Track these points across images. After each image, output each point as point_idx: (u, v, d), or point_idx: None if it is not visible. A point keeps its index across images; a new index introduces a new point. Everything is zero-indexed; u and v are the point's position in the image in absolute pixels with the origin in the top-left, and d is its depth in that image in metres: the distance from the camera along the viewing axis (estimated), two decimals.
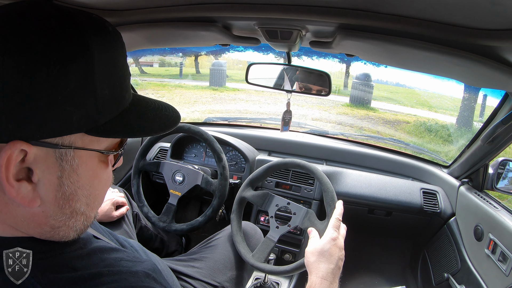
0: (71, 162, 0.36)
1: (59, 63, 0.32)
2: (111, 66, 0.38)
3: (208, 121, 2.00)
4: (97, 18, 0.38)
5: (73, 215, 0.39)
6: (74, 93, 0.34)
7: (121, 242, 0.62)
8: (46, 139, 0.34)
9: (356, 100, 7.02)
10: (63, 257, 0.38)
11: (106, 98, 0.37)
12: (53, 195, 0.36)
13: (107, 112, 0.37)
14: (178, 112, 0.46)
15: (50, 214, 0.37)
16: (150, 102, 0.44)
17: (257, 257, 0.92)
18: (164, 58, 9.79)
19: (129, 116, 0.40)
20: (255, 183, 1.04)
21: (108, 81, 0.37)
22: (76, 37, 0.34)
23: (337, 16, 0.57)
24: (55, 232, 0.38)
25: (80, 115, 0.35)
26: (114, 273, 0.38)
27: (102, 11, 0.68)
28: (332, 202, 0.87)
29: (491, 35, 0.50)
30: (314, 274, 0.69)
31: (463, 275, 1.13)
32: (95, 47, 0.35)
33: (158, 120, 0.43)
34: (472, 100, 5.16)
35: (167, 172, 1.22)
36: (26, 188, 0.34)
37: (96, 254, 0.41)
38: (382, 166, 1.54)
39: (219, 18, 0.70)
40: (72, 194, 0.38)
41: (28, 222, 0.36)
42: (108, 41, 0.37)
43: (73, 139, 0.36)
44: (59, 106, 0.33)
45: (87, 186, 0.40)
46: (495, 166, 1.12)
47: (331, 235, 0.75)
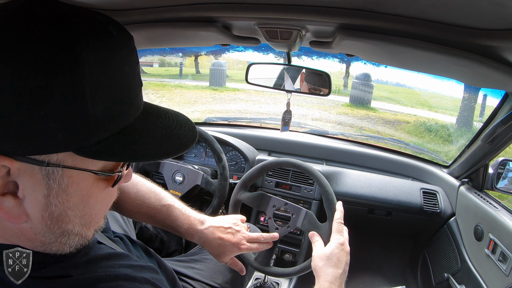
0: (59, 181, 0.33)
1: (42, 74, 0.28)
2: (110, 77, 0.32)
3: (208, 121, 2.00)
4: (98, 20, 0.34)
5: (65, 234, 0.36)
6: (58, 108, 0.29)
7: (125, 242, 0.62)
8: (31, 156, 0.31)
9: (356, 100, 7.01)
10: (58, 266, 0.37)
11: (100, 115, 0.32)
12: (40, 214, 0.34)
13: (101, 130, 0.32)
14: (195, 130, 0.40)
15: (38, 231, 0.35)
16: (163, 116, 0.39)
17: (260, 260, 0.92)
18: (164, 58, 9.78)
19: (131, 135, 0.35)
20: (248, 183, 1.03)
21: (104, 95, 0.32)
22: (64, 43, 0.30)
23: (337, 16, 0.57)
24: (47, 247, 0.36)
25: (66, 133, 0.31)
26: (111, 279, 0.37)
27: (103, 11, 0.68)
28: (331, 204, 0.86)
29: (491, 35, 0.50)
30: (322, 279, 0.69)
31: (463, 275, 1.13)
32: (87, 56, 0.30)
33: (166, 141, 0.37)
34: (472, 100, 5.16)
35: (167, 172, 1.22)
36: (10, 203, 0.32)
37: (96, 262, 0.40)
38: (382, 166, 1.54)
39: (219, 18, 0.70)
40: (62, 215, 0.35)
41: (17, 236, 0.35)
42: (109, 48, 0.33)
43: (62, 157, 0.32)
44: (41, 122, 0.29)
45: (80, 206, 0.36)
46: (495, 166, 1.12)
47: (339, 240, 0.75)
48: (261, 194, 0.98)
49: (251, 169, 1.03)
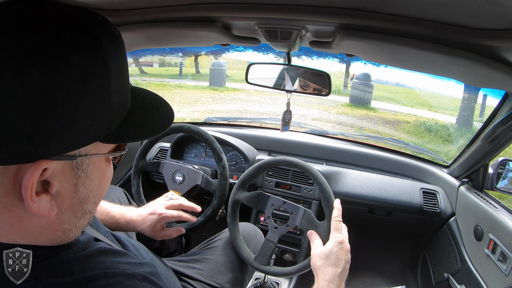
0: (86, 170, 0.37)
1: (79, 81, 0.32)
2: (122, 72, 0.38)
3: (208, 121, 2.00)
4: (104, 22, 0.37)
5: (83, 215, 0.40)
6: (93, 108, 0.34)
7: (123, 242, 0.62)
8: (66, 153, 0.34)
9: (356, 100, 7.01)
10: (59, 260, 0.38)
11: (118, 106, 0.37)
12: (69, 202, 0.37)
13: (117, 118, 0.38)
14: (170, 106, 0.46)
15: (64, 220, 0.38)
16: (144, 97, 0.44)
17: (260, 260, 0.92)
18: (164, 58, 9.78)
19: (133, 117, 0.40)
20: (247, 183, 1.02)
21: (120, 89, 0.37)
22: (94, 50, 0.33)
23: (337, 16, 0.57)
24: (66, 235, 0.39)
25: (97, 126, 0.35)
26: (109, 276, 0.38)
27: (102, 11, 0.68)
28: (329, 202, 0.85)
29: (491, 35, 0.50)
30: (321, 278, 0.69)
31: (463, 275, 1.13)
32: (111, 59, 0.35)
33: (157, 118, 0.43)
34: (472, 100, 5.16)
35: (167, 172, 1.22)
36: (46, 201, 0.34)
37: (94, 257, 0.41)
38: (382, 166, 1.54)
39: (219, 18, 0.70)
40: (86, 198, 0.39)
41: (41, 230, 0.36)
42: (119, 48, 0.37)
43: (88, 148, 0.36)
44: (79, 122, 0.33)
45: (97, 188, 0.40)
46: (495, 166, 1.12)
47: (338, 238, 0.75)
48: (260, 194, 0.98)
49: (248, 168, 1.03)
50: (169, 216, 0.89)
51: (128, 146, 0.46)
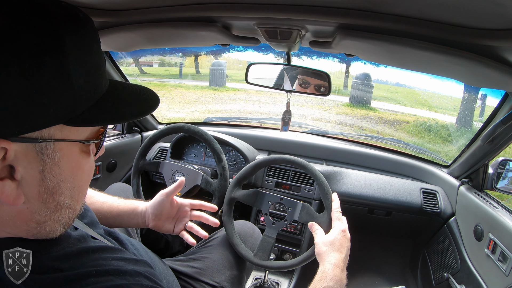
0: (52, 155, 0.36)
1: (31, 57, 0.31)
2: (85, 53, 0.37)
3: (208, 121, 2.01)
4: (67, 6, 0.37)
5: (58, 208, 0.39)
6: (49, 86, 0.33)
7: (122, 241, 0.62)
8: (25, 134, 0.33)
9: (356, 100, 7.01)
10: (48, 257, 0.38)
11: (82, 87, 0.36)
12: (37, 190, 0.36)
13: (84, 100, 0.37)
14: (156, 95, 0.46)
15: (35, 210, 0.37)
16: (127, 87, 0.44)
17: (260, 255, 0.92)
18: (164, 58, 9.78)
19: (107, 102, 0.40)
20: (242, 181, 1.03)
21: (83, 69, 0.36)
22: (47, 28, 0.33)
23: (337, 16, 0.57)
24: (42, 228, 0.38)
25: (57, 107, 0.34)
26: (100, 274, 0.38)
27: (102, 11, 0.68)
28: (328, 194, 0.88)
29: (491, 35, 0.50)
30: (326, 262, 0.73)
31: (463, 275, 1.13)
32: (67, 36, 0.34)
33: (137, 104, 0.43)
34: (472, 100, 5.15)
35: (167, 172, 1.22)
36: (10, 186, 0.34)
37: (88, 254, 0.41)
38: (382, 166, 1.54)
39: (219, 18, 0.70)
40: (55, 188, 0.38)
41: (14, 220, 0.36)
42: (81, 28, 0.37)
43: (52, 132, 0.35)
44: (35, 100, 0.32)
45: (70, 179, 0.39)
46: (495, 166, 1.12)
47: (341, 227, 0.79)
48: (256, 191, 0.99)
49: (245, 167, 1.04)
50: (193, 216, 0.90)
51: (128, 146, 0.45)
